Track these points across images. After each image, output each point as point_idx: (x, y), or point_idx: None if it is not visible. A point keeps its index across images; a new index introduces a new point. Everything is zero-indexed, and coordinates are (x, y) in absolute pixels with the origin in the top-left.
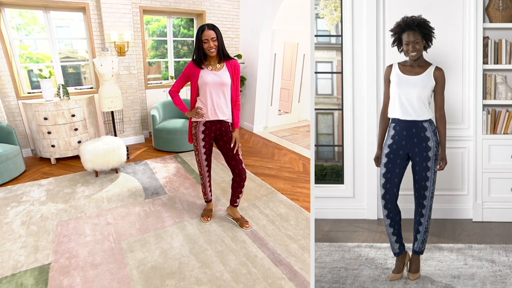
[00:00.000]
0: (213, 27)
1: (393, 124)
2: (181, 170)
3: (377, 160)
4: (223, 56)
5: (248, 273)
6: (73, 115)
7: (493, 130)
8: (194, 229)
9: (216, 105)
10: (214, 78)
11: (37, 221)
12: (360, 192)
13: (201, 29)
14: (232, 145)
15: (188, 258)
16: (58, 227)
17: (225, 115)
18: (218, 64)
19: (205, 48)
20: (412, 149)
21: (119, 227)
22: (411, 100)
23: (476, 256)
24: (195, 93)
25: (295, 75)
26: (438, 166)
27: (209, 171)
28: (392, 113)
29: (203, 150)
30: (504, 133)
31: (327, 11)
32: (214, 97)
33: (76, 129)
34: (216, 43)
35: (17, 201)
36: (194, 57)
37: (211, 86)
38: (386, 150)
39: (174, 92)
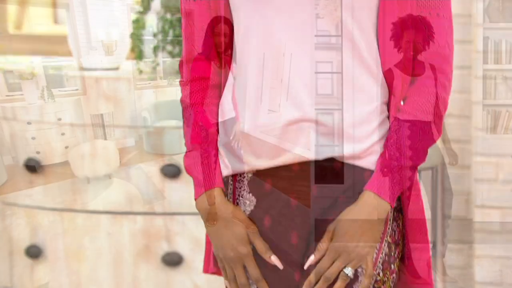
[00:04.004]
0: None
1: None
2: None
3: None
4: None
5: None
6: (59, 119)
7: (493, 130)
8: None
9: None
10: None
11: (26, 237)
12: None
13: None
14: None
15: None
16: (52, 242)
17: None
18: None
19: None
20: None
21: (122, 238)
22: None
23: (476, 256)
24: None
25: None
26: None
27: None
28: None
29: None
30: (504, 133)
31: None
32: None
33: (63, 134)
34: None
35: (0, 215)
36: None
37: None
38: None
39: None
